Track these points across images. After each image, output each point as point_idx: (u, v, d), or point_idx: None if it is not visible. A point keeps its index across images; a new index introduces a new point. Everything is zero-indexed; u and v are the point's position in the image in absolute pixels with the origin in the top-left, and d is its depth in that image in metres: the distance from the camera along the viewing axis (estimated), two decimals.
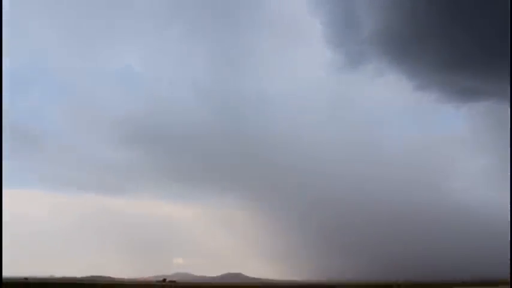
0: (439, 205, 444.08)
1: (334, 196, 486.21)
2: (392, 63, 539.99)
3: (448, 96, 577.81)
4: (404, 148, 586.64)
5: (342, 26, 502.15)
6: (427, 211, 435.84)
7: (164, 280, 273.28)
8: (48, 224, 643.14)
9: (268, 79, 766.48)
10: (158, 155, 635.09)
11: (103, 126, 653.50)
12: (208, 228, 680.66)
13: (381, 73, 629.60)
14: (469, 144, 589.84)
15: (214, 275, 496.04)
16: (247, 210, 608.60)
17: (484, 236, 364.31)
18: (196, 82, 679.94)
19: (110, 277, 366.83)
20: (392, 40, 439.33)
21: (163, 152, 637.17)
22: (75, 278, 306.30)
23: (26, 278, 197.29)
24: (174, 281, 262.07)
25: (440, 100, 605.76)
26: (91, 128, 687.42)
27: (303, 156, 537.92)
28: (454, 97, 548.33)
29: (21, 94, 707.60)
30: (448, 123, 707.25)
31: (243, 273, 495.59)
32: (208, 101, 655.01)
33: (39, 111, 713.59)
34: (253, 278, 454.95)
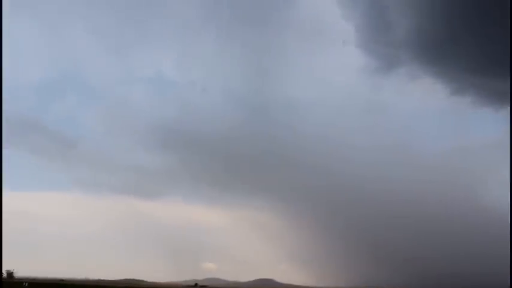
0: (474, 212, 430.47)
1: (366, 199, 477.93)
2: (427, 66, 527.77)
3: (485, 99, 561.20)
4: (440, 153, 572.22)
5: (374, 29, 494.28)
6: (462, 218, 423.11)
7: (196, 285, 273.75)
8: (83, 226, 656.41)
9: (300, 83, 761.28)
10: (190, 160, 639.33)
11: (136, 131, 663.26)
12: (240, 233, 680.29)
13: (415, 77, 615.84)
14: (508, 148, 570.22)
15: (246, 280, 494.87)
16: (279, 214, 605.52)
17: None
18: (227, 87, 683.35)
19: (142, 280, 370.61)
20: (426, 43, 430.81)
21: (195, 157, 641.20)
22: (108, 281, 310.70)
23: (62, 280, 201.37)
24: (205, 286, 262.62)
25: (477, 103, 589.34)
26: (125, 133, 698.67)
27: (334, 158, 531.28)
28: (492, 100, 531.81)
29: (58, 100, 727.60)
30: (486, 127, 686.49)
31: (275, 279, 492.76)
32: (239, 106, 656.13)
33: (76, 117, 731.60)
34: (285, 284, 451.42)
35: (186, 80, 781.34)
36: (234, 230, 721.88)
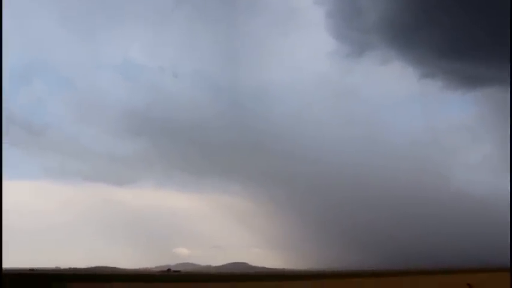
0: (442, 193, 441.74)
1: (337, 185, 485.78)
2: (397, 51, 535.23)
3: (454, 83, 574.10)
4: (409, 136, 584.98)
5: (346, 15, 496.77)
6: (431, 199, 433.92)
7: (169, 270, 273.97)
8: (53, 215, 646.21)
9: (271, 68, 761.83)
10: (162, 146, 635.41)
11: (106, 118, 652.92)
12: (212, 218, 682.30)
13: (386, 62, 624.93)
14: (474, 131, 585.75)
15: (219, 265, 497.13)
16: (252, 200, 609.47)
17: (487, 223, 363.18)
18: (198, 73, 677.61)
19: (115, 267, 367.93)
20: (397, 29, 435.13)
21: (167, 143, 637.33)
22: (80, 269, 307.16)
23: (31, 269, 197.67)
24: (179, 271, 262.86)
25: (446, 88, 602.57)
26: (94, 119, 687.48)
27: (306, 145, 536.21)
28: (460, 84, 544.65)
29: (25, 87, 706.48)
30: (453, 110, 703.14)
31: (248, 263, 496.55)
32: (211, 92, 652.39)
33: (43, 104, 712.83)
34: (258, 267, 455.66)
35: (155, 65, 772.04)
36: (206, 215, 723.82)
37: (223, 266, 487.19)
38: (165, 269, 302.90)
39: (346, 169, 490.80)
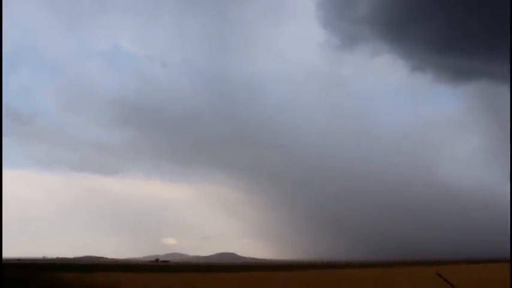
0: (430, 186, 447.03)
1: (325, 176, 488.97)
2: (388, 44, 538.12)
3: (444, 77, 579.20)
4: (398, 129, 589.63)
5: (337, 6, 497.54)
6: (419, 192, 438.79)
7: (157, 260, 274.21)
8: (40, 204, 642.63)
9: (261, 59, 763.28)
10: (151, 136, 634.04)
11: (94, 106, 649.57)
12: (201, 208, 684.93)
13: (376, 54, 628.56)
14: (463, 124, 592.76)
15: (207, 255, 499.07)
16: (240, 191, 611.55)
17: (474, 216, 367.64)
18: (187, 62, 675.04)
19: (102, 257, 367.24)
20: (388, 21, 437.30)
21: (155, 133, 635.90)
22: (68, 259, 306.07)
23: (18, 259, 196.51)
24: (167, 261, 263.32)
25: (436, 81, 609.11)
26: (82, 108, 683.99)
27: (294, 136, 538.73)
28: (451, 78, 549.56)
29: (11, 75, 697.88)
30: (443, 103, 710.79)
31: (236, 253, 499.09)
32: (200, 82, 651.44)
33: (30, 92, 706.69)
34: (247, 258, 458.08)
35: (144, 54, 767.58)
36: (195, 205, 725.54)
37: (211, 256, 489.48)
38: (154, 259, 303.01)
39: (335, 161, 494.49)
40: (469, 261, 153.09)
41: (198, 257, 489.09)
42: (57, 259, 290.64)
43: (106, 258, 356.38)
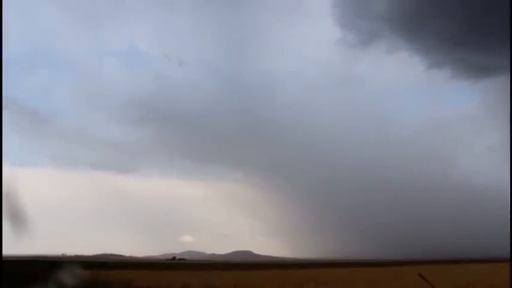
0: (447, 183, 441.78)
1: (341, 175, 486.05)
2: (405, 40, 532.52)
3: (462, 73, 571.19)
4: (414, 126, 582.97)
5: (353, 3, 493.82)
6: (435, 189, 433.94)
7: (174, 258, 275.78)
8: (59, 203, 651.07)
9: (277, 57, 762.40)
10: (167, 134, 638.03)
11: (111, 105, 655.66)
12: (217, 206, 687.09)
13: (393, 51, 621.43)
14: (481, 121, 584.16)
15: (224, 253, 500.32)
16: (256, 189, 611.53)
17: (489, 214, 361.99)
18: (203, 61, 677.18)
19: (120, 255, 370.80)
20: (405, 17, 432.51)
21: (172, 131, 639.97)
22: (86, 256, 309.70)
23: (36, 256, 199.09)
24: (184, 259, 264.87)
25: (454, 77, 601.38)
26: (99, 107, 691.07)
27: (310, 134, 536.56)
28: (468, 74, 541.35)
29: (29, 75, 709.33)
30: (460, 100, 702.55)
31: (253, 251, 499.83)
32: (216, 80, 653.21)
33: (48, 92, 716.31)
34: (263, 256, 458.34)
35: (160, 53, 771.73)
36: (211, 203, 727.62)
37: (228, 254, 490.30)
38: (170, 257, 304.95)
39: (351, 159, 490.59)
40: (485, 260, 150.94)
41: (215, 255, 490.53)
42: (76, 256, 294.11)
43: (123, 256, 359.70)
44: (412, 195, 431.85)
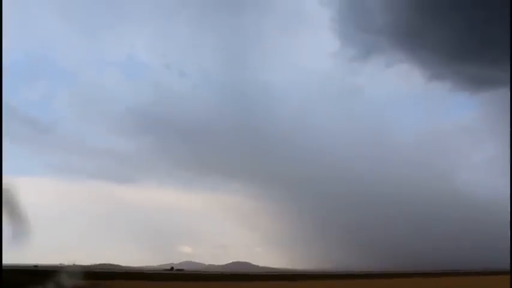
0: (446, 195, 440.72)
1: (340, 187, 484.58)
2: (406, 53, 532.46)
3: (462, 85, 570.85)
4: (414, 138, 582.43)
5: (352, 16, 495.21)
6: (435, 201, 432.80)
7: (172, 269, 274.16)
8: (57, 212, 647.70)
9: (276, 69, 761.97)
10: (166, 145, 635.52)
11: (111, 115, 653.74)
12: (215, 217, 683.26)
13: (392, 63, 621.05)
14: (480, 133, 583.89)
15: (222, 264, 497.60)
16: (255, 200, 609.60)
17: (489, 226, 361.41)
18: (203, 71, 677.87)
19: (118, 265, 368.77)
20: (405, 30, 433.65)
21: (171, 142, 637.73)
22: (85, 266, 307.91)
23: (35, 266, 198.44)
24: (182, 270, 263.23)
25: (454, 89, 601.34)
26: (98, 117, 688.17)
27: (310, 146, 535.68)
28: (468, 86, 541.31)
29: (29, 85, 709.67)
30: (460, 112, 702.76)
31: (251, 262, 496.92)
32: (215, 91, 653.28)
33: (47, 102, 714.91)
34: (261, 267, 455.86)
35: (160, 63, 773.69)
36: (210, 214, 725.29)
37: (226, 265, 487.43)
38: (168, 267, 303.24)
39: (350, 170, 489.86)
40: (484, 272, 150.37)
41: (213, 265, 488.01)
42: (74, 266, 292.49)
43: (121, 266, 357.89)
44: (411, 206, 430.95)
